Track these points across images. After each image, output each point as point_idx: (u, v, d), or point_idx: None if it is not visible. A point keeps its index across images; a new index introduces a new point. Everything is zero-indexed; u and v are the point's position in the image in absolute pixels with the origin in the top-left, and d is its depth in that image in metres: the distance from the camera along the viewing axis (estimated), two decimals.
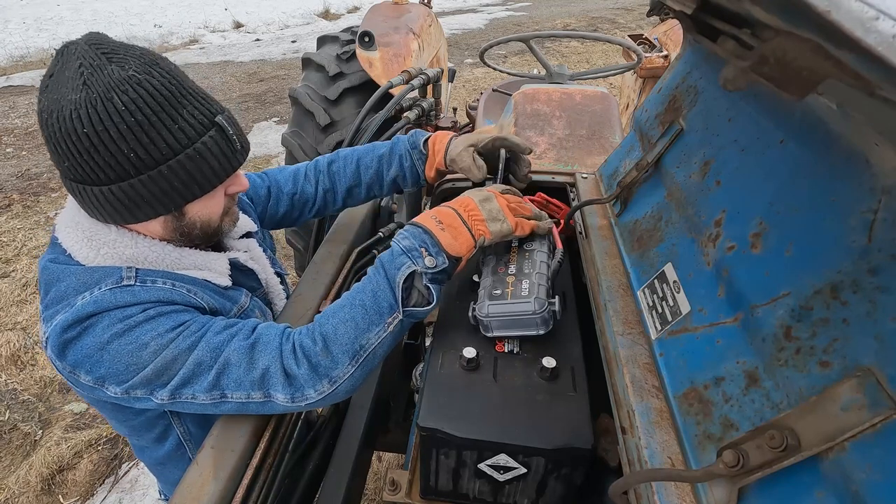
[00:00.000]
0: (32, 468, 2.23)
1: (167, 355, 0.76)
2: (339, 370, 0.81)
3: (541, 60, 2.43)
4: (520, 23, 10.89)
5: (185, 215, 0.83)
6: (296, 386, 0.80)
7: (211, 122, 0.78)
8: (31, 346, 2.89)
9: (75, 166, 0.72)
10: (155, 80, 0.72)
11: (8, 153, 5.16)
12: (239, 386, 0.79)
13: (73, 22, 9.87)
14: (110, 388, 0.76)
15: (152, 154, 0.72)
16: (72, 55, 0.70)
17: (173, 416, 0.91)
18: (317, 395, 0.81)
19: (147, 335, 0.76)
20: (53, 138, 0.71)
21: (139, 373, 0.75)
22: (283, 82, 7.14)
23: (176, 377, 0.77)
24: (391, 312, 0.83)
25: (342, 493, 1.03)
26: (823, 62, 0.43)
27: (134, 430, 0.94)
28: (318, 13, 11.66)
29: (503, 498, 0.95)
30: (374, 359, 0.84)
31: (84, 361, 0.75)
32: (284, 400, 0.80)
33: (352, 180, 1.20)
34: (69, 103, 0.68)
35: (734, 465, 0.55)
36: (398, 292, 0.83)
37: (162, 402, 0.78)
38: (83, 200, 0.78)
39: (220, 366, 0.78)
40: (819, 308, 0.58)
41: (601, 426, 0.95)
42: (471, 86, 6.91)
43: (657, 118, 1.14)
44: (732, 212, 0.79)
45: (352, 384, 0.83)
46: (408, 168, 1.18)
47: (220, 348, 0.78)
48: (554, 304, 0.90)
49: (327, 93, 2.50)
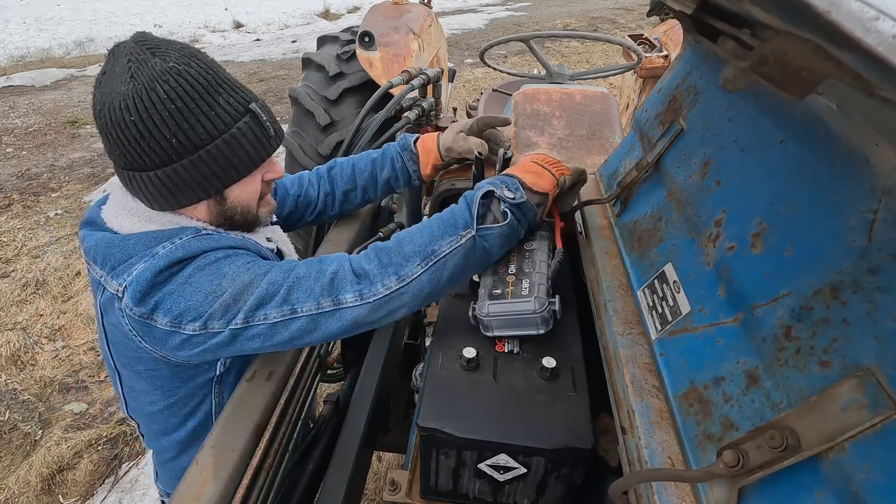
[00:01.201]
0: (32, 468, 2.23)
1: (244, 279, 0.82)
2: (408, 268, 0.85)
3: (541, 60, 2.43)
4: (520, 23, 10.89)
5: (226, 199, 0.89)
6: (365, 282, 0.84)
7: (245, 108, 0.84)
8: (31, 346, 2.90)
9: (125, 153, 0.79)
10: (193, 70, 0.79)
11: (8, 153, 5.16)
12: (309, 295, 0.83)
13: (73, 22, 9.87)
14: (187, 327, 0.80)
15: (192, 139, 0.79)
16: (121, 53, 0.78)
17: (216, 384, 0.97)
18: (384, 289, 0.84)
19: (226, 266, 0.83)
20: (106, 128, 0.78)
21: (218, 299, 0.81)
22: (284, 82, 7.14)
23: (251, 298, 0.81)
24: (465, 227, 0.88)
25: (342, 493, 1.03)
26: (823, 62, 0.43)
27: (173, 404, 0.97)
28: (318, 13, 11.66)
29: (503, 498, 0.95)
30: (444, 269, 0.87)
31: (165, 299, 0.80)
32: (353, 299, 0.84)
33: (348, 184, 1.27)
34: (118, 95, 0.76)
35: (734, 465, 0.55)
36: (475, 209, 0.88)
37: (236, 328, 0.82)
38: (134, 188, 0.84)
39: (292, 280, 0.84)
40: (819, 308, 0.58)
41: (601, 426, 0.95)
42: (471, 86, 6.91)
43: (657, 118, 1.14)
44: (732, 212, 0.79)
45: (419, 289, 0.86)
46: (399, 169, 1.26)
47: (291, 269, 0.86)
48: (554, 303, 0.90)
49: (327, 93, 2.50)
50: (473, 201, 0.89)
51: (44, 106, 6.38)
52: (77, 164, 4.97)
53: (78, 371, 2.77)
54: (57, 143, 5.40)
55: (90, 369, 2.78)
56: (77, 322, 3.06)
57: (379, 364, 1.30)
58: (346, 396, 1.26)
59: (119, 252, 0.82)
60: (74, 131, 5.68)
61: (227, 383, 0.98)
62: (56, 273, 3.45)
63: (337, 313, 0.84)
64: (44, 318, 3.10)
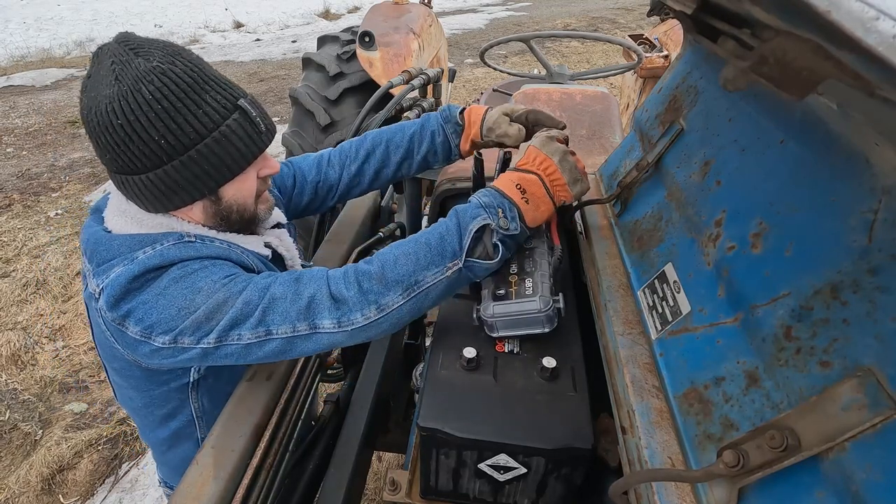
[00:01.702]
0: (33, 468, 2.23)
1: (219, 297, 0.79)
2: (389, 298, 0.82)
3: (541, 60, 2.43)
4: (520, 23, 10.89)
5: (221, 199, 0.87)
6: (343, 309, 0.82)
7: (234, 105, 0.82)
8: (31, 346, 2.90)
9: (115, 157, 0.78)
10: (178, 69, 0.77)
11: (8, 153, 5.16)
12: (285, 319, 0.81)
13: (74, 22, 9.87)
14: (157, 339, 0.79)
15: (181, 139, 0.77)
16: (105, 55, 0.77)
17: (192, 390, 0.94)
18: (363, 319, 0.82)
19: (202, 281, 0.80)
20: (94, 133, 0.77)
21: (190, 316, 0.78)
22: (284, 82, 7.14)
23: (225, 318, 0.79)
24: (453, 258, 0.84)
25: (342, 493, 1.03)
26: (823, 62, 0.43)
27: (150, 403, 0.96)
28: (319, 13, 11.66)
29: (503, 498, 0.95)
30: (425, 300, 0.85)
31: (137, 309, 0.78)
32: (331, 326, 0.81)
33: (380, 162, 1.19)
34: (104, 98, 0.74)
35: (734, 465, 0.55)
36: (466, 240, 0.84)
37: (207, 346, 0.80)
38: (128, 191, 0.83)
39: (267, 301, 0.81)
40: (819, 308, 0.58)
41: (601, 426, 0.95)
42: (471, 86, 6.91)
43: (657, 118, 1.14)
44: (732, 212, 0.79)
45: (398, 318, 0.84)
46: (440, 143, 1.17)
47: (267, 287, 0.82)
48: (559, 301, 0.90)
49: (327, 93, 2.50)
50: (467, 231, 0.84)
51: (44, 106, 6.38)
52: (77, 164, 4.97)
53: (78, 371, 2.77)
54: (57, 143, 5.40)
55: (90, 369, 2.78)
56: (77, 322, 3.06)
57: (379, 364, 1.31)
58: (346, 396, 1.26)
59: (104, 251, 0.82)
60: (75, 131, 5.68)
61: (204, 389, 0.97)
62: (56, 273, 3.45)
63: (313, 337, 0.82)
64: (44, 317, 3.11)
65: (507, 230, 0.85)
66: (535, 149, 0.95)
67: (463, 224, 0.85)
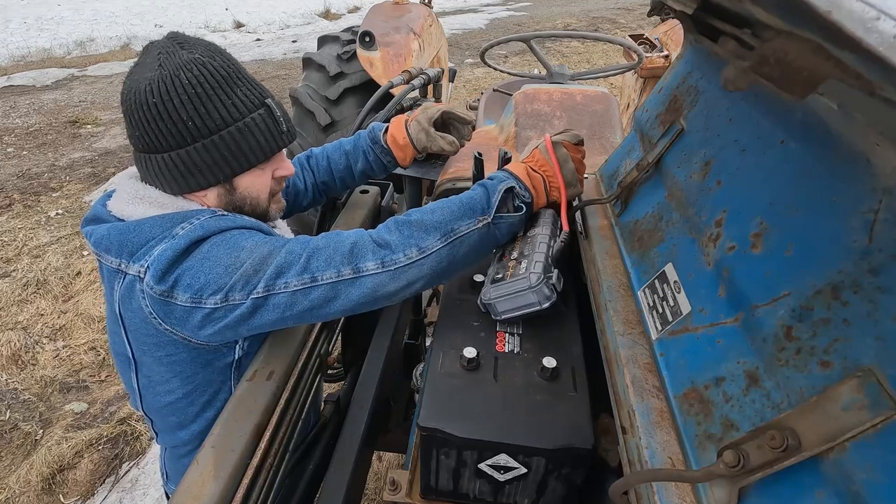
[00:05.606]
0: (33, 468, 2.23)
1: (263, 251, 0.84)
2: (429, 241, 0.88)
3: (541, 60, 2.43)
4: (520, 23, 10.89)
5: (235, 189, 0.93)
6: (386, 251, 0.87)
7: (261, 102, 0.89)
8: (31, 346, 2.90)
9: (143, 134, 0.84)
10: (216, 63, 0.85)
11: (9, 153, 5.16)
12: (329, 264, 0.85)
13: (74, 22, 9.86)
14: (209, 301, 0.82)
15: (207, 123, 0.84)
16: (153, 47, 0.85)
17: (235, 369, 0.98)
18: (405, 259, 0.86)
19: (244, 241, 0.85)
20: (129, 110, 0.84)
21: (238, 271, 0.82)
22: (284, 82, 7.14)
23: (271, 267, 0.83)
24: (483, 213, 0.92)
25: (342, 493, 1.03)
26: (824, 62, 0.43)
27: (192, 391, 0.97)
28: (319, 13, 11.66)
29: (503, 498, 0.95)
30: (459, 248, 0.90)
31: (185, 275, 0.81)
32: (374, 267, 0.85)
33: (325, 175, 1.30)
34: (145, 80, 0.82)
35: (735, 465, 0.55)
36: (494, 199, 0.92)
37: (257, 297, 0.83)
38: (148, 171, 0.88)
39: (311, 250, 0.86)
40: (820, 308, 0.58)
41: (601, 426, 0.95)
42: (471, 86, 6.92)
43: (658, 118, 1.14)
44: (733, 212, 0.79)
45: (436, 261, 0.88)
46: (373, 161, 1.28)
47: (308, 240, 0.88)
48: (552, 276, 0.91)
49: (328, 93, 2.50)
50: (495, 192, 0.93)
51: (45, 106, 6.39)
52: (78, 164, 4.97)
53: (78, 371, 2.77)
54: (58, 143, 5.41)
55: (91, 369, 2.78)
56: (78, 322, 3.06)
57: (379, 364, 1.30)
58: (347, 396, 1.26)
59: (136, 237, 0.84)
60: (75, 131, 5.68)
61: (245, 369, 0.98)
62: (57, 273, 3.45)
63: (357, 281, 0.85)
64: (44, 317, 3.11)
65: (525, 199, 0.97)
66: (540, 153, 1.03)
67: (490, 189, 0.94)
